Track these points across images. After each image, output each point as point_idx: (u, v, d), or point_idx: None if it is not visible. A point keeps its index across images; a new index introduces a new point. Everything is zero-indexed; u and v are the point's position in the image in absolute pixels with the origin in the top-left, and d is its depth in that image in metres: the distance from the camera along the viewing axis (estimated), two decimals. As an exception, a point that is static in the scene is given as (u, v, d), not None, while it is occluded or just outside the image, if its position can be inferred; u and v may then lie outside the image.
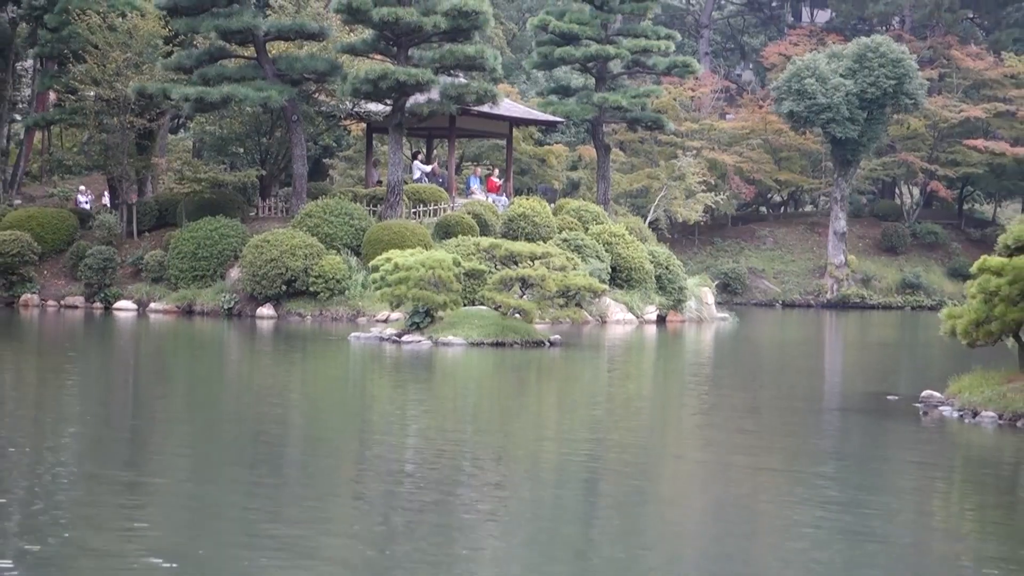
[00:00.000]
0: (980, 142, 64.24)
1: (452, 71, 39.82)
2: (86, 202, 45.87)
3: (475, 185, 45.05)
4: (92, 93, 41.93)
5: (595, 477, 13.01)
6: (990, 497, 12.63)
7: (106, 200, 46.55)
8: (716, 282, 51.52)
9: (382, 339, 28.49)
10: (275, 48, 41.78)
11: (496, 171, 47.43)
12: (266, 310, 36.83)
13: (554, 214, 40.69)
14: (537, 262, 31.06)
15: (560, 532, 10.36)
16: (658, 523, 10.98)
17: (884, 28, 71.63)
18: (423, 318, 28.56)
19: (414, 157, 46.28)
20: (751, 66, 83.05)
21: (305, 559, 9.05)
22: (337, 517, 10.77)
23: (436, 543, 9.66)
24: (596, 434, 16.14)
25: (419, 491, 11.83)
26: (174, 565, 8.59)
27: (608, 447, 14.96)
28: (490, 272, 31.18)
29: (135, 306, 38.95)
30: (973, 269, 18.27)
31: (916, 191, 71.71)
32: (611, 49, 46.05)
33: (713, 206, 60.09)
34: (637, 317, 38.37)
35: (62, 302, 40.11)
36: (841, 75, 57.39)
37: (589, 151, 55.20)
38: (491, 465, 13.53)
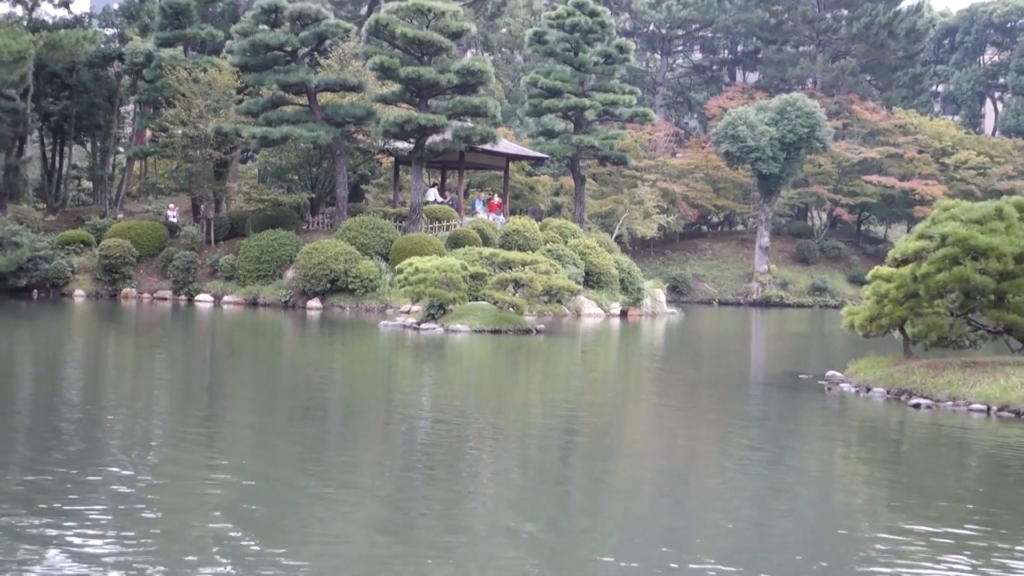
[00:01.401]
0: (875, 178, 64.50)
1: (462, 117, 39.93)
2: (174, 217, 45.93)
3: (479, 206, 45.17)
4: (180, 131, 42.00)
5: (571, 429, 13.09)
6: (879, 452, 12.74)
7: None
8: (667, 284, 51.68)
9: (405, 326, 28.56)
10: (323, 97, 41.87)
11: (496, 196, 47.54)
12: (314, 303, 36.90)
13: (541, 230, 40.78)
14: (527, 267, 31.19)
15: (544, 466, 10.46)
16: (620, 461, 11.09)
17: (800, 87, 71.67)
18: (437, 310, 28.64)
19: (432, 186, 46.40)
20: (696, 116, 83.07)
21: (343, 488, 9.13)
22: (369, 454, 10.87)
23: (446, 472, 9.78)
24: (572, 399, 16.20)
25: (433, 436, 11.92)
26: (250, 483, 8.70)
27: (581, 409, 15.02)
28: (490, 275, 31.27)
29: (212, 298, 39.09)
30: (868, 276, 18.36)
31: (824, 215, 71.85)
32: (586, 101, 46.15)
33: (665, 225, 60.14)
34: (604, 311, 38.46)
35: (154, 295, 40.22)
36: (766, 124, 57.52)
37: (568, 181, 55.28)
38: (490, 419, 13.61)
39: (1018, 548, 7.80)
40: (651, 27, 77.37)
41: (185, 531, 7.65)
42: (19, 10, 49.83)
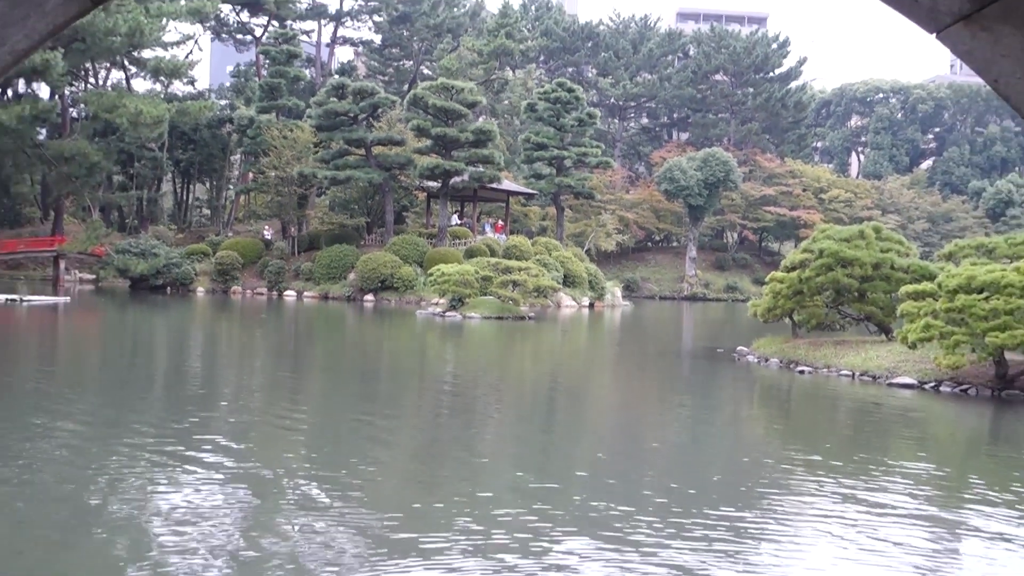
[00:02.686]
0: (771, 208, 64.34)
1: (475, 164, 39.91)
2: (269, 235, 45.88)
3: (487, 228, 45.09)
4: (273, 174, 42.01)
5: (553, 388, 13.14)
6: (775, 403, 12.79)
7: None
8: (622, 284, 51.54)
9: (434, 314, 28.54)
10: (376, 149, 41.77)
11: (499, 220, 47.47)
12: (369, 297, 36.83)
13: (532, 246, 40.74)
14: (522, 272, 31.18)
15: (534, 409, 10.49)
16: (589, 406, 11.12)
17: (719, 143, 71.52)
18: (457, 302, 28.65)
19: (454, 213, 46.34)
20: (643, 163, 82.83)
21: (380, 444, 9.17)
22: (409, 402, 10.87)
23: (464, 415, 9.81)
24: (556, 364, 16.25)
25: (453, 393, 11.95)
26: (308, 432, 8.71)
27: (561, 373, 15.07)
28: (495, 277, 31.24)
29: (295, 294, 38.99)
30: (767, 279, 18.44)
31: (735, 235, 71.80)
32: (565, 153, 46.09)
33: (621, 242, 60.06)
34: (578, 304, 38.43)
35: (254, 291, 40.10)
36: (694, 169, 57.46)
37: (552, 210, 54.99)
38: (494, 380, 13.65)
39: (881, 466, 7.87)
40: (612, 100, 77.45)
41: (271, 460, 7.69)
42: (158, 86, 49.97)
